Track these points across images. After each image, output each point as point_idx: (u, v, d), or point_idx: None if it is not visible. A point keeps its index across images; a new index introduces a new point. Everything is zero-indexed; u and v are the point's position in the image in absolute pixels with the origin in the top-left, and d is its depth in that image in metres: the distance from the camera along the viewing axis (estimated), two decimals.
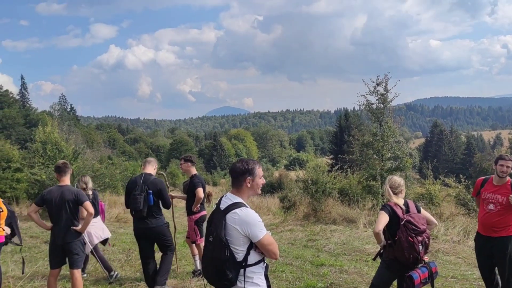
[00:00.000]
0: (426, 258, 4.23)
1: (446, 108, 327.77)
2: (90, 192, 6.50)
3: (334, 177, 13.52)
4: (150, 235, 5.76)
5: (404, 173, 13.28)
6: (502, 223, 4.80)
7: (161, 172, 7.59)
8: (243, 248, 2.91)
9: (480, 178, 5.22)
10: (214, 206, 3.21)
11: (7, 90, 66.64)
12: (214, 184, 53.10)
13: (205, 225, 6.26)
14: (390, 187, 4.43)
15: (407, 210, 4.28)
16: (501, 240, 4.79)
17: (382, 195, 12.01)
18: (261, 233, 2.91)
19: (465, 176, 12.73)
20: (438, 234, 9.27)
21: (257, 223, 2.92)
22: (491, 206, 4.84)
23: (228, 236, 2.88)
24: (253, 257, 2.95)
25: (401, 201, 4.36)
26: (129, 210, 5.87)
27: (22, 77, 77.45)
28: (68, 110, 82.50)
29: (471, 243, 8.18)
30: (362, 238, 9.42)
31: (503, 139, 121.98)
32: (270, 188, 24.79)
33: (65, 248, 5.11)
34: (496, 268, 5.00)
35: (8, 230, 5.31)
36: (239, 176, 3.04)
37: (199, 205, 6.41)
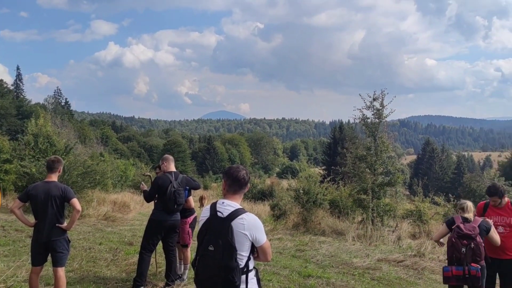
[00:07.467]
0: (474, 265, 4.40)
1: (439, 127, 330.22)
2: None
3: (326, 188, 13.55)
4: (174, 228, 6.07)
5: (394, 189, 13.33)
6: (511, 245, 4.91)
7: (148, 174, 7.58)
8: (247, 254, 2.92)
9: (481, 203, 5.31)
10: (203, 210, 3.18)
11: (1, 80, 66.20)
12: (205, 187, 52.93)
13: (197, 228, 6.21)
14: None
15: (466, 221, 4.66)
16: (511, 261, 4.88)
17: (373, 209, 12.05)
18: (265, 237, 2.98)
19: (454, 195, 12.82)
20: (425, 252, 9.31)
21: (262, 227, 2.99)
22: (501, 229, 4.93)
23: (235, 242, 2.86)
24: (251, 263, 2.98)
25: (470, 215, 4.75)
26: (148, 202, 6.17)
27: (18, 68, 77.04)
28: (63, 104, 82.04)
29: None
30: (350, 251, 9.42)
31: (492, 161, 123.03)
32: (261, 195, 24.73)
33: (49, 246, 4.99)
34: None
35: None
36: (244, 185, 3.06)
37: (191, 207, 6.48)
